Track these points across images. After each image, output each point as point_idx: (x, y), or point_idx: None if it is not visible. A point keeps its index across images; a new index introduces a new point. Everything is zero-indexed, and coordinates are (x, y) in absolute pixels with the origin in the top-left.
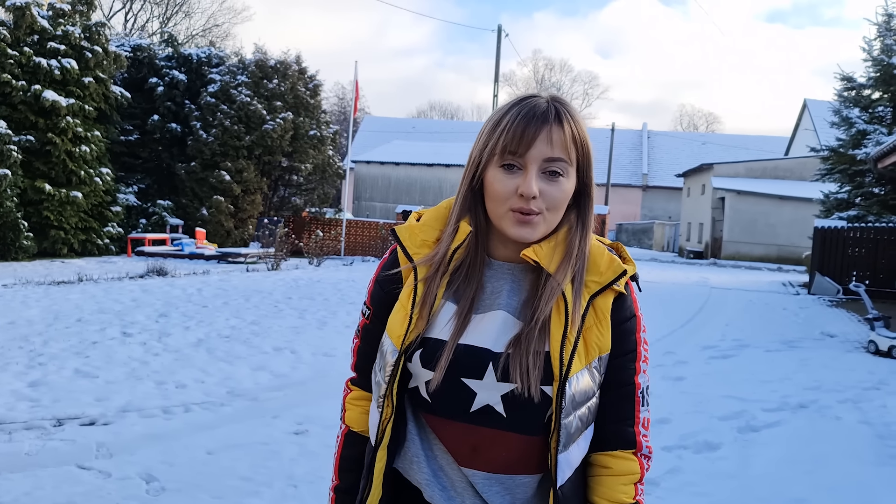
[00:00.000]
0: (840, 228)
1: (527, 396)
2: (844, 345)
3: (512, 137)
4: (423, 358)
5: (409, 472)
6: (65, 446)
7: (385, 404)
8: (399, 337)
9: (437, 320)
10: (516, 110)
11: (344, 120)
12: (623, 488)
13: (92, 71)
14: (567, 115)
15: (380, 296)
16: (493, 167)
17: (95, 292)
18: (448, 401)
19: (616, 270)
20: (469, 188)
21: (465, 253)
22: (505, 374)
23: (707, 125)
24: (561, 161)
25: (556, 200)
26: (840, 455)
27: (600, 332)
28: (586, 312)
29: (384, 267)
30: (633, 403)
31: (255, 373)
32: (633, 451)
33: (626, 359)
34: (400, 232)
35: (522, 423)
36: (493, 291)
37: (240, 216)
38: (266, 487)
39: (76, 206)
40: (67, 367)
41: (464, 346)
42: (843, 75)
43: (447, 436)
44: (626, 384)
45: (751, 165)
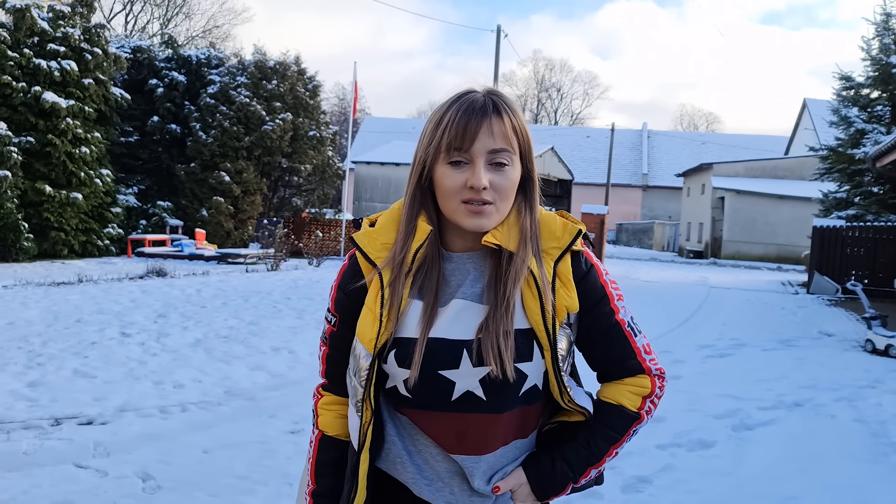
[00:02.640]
0: (839, 228)
1: (503, 377)
2: (842, 344)
3: (455, 134)
4: (398, 358)
5: (393, 471)
6: (62, 445)
7: (364, 408)
8: (371, 341)
9: (407, 319)
10: (456, 107)
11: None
12: (628, 394)
13: (92, 72)
14: (505, 107)
15: (344, 302)
16: (440, 164)
17: (95, 293)
18: (429, 394)
19: (572, 232)
20: (417, 187)
21: (426, 251)
22: (479, 358)
23: (707, 125)
24: (504, 151)
25: (505, 189)
26: (834, 453)
27: (567, 294)
28: (554, 279)
29: (345, 274)
30: (626, 340)
31: (252, 373)
32: (643, 374)
33: (600, 305)
34: (359, 239)
35: (502, 402)
36: (457, 283)
37: (239, 217)
38: (262, 486)
39: (76, 208)
40: (66, 368)
41: (435, 339)
42: (842, 74)
43: (431, 427)
44: (612, 326)
45: (750, 165)
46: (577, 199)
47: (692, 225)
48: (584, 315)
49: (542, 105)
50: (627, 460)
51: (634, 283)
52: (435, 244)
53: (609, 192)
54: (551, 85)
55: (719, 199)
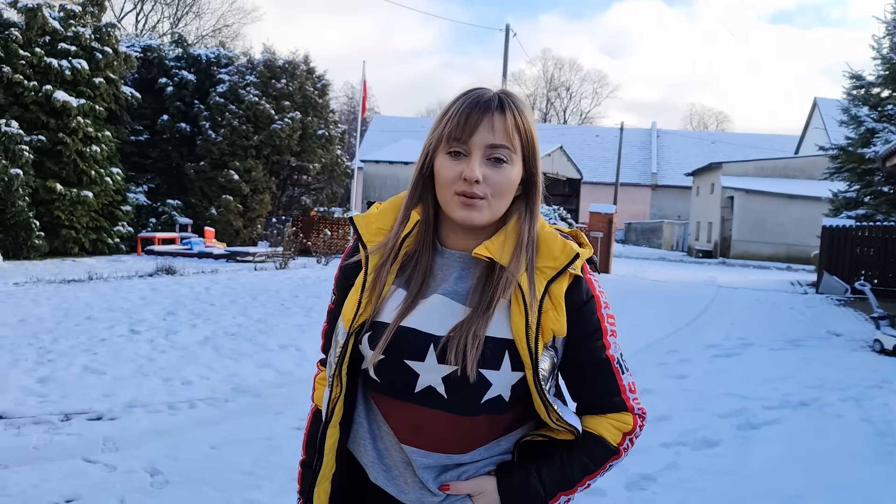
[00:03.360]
0: (848, 227)
1: (464, 378)
2: (850, 343)
3: (456, 124)
4: (370, 340)
5: (357, 452)
6: (72, 440)
7: (335, 383)
8: (349, 320)
9: (387, 305)
10: (462, 100)
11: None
12: (610, 428)
13: (102, 71)
14: (510, 105)
15: (342, 282)
16: (440, 154)
17: (105, 291)
18: (393, 381)
19: (569, 254)
20: (419, 175)
21: (416, 240)
22: (444, 356)
23: (717, 124)
24: (503, 148)
25: (500, 186)
26: (839, 452)
27: (556, 317)
28: (543, 298)
29: (347, 255)
30: (613, 376)
31: (260, 370)
32: (626, 412)
33: (592, 338)
34: (357, 220)
35: (462, 404)
36: (442, 279)
37: (248, 215)
38: (267, 481)
39: (87, 206)
40: (76, 364)
41: (407, 328)
42: (853, 73)
43: (392, 415)
44: (601, 361)
45: (760, 164)
46: (585, 199)
47: (701, 224)
48: (575, 345)
49: (551, 104)
50: (632, 458)
51: (643, 282)
52: (426, 235)
53: (618, 192)
54: (560, 84)
55: (729, 198)
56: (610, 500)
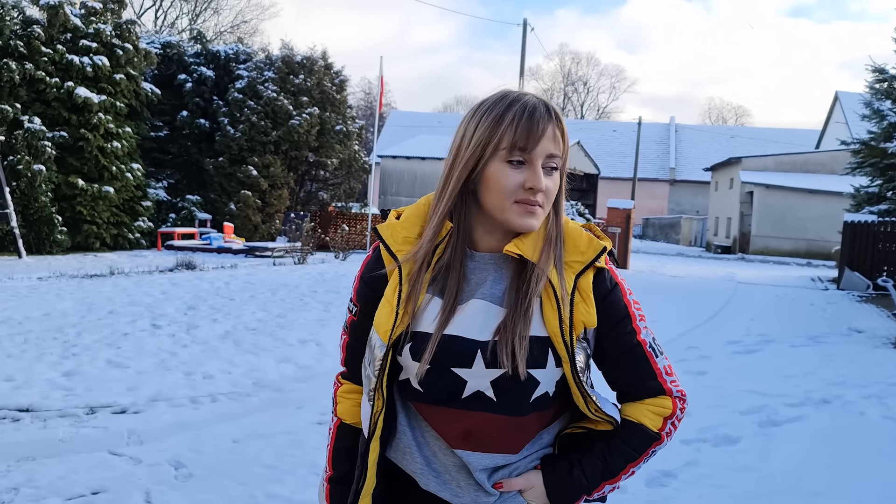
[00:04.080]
0: (870, 223)
1: (514, 380)
2: (872, 340)
3: (521, 134)
4: (412, 351)
5: (402, 462)
6: (97, 433)
7: (376, 397)
8: (386, 332)
9: (425, 314)
10: (519, 108)
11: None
12: (650, 414)
13: (123, 68)
14: (559, 115)
15: (365, 293)
16: (497, 162)
17: (127, 285)
18: (440, 390)
19: (596, 249)
20: (465, 183)
21: (447, 248)
22: (493, 360)
23: (736, 118)
24: (557, 157)
25: (553, 194)
26: (862, 450)
27: (586, 309)
28: (573, 292)
29: (368, 265)
30: (647, 361)
31: (280, 364)
32: (664, 395)
33: (621, 325)
34: (382, 230)
35: (512, 405)
36: (477, 283)
37: (267, 211)
38: (290, 475)
39: (108, 201)
40: (100, 358)
41: (450, 336)
42: (875, 67)
43: (439, 421)
44: (633, 346)
45: (780, 159)
46: (603, 194)
47: (720, 220)
48: (605, 334)
49: (568, 99)
50: None
51: (661, 278)
52: (458, 241)
53: (636, 187)
54: (577, 79)
55: (748, 193)
56: (630, 496)
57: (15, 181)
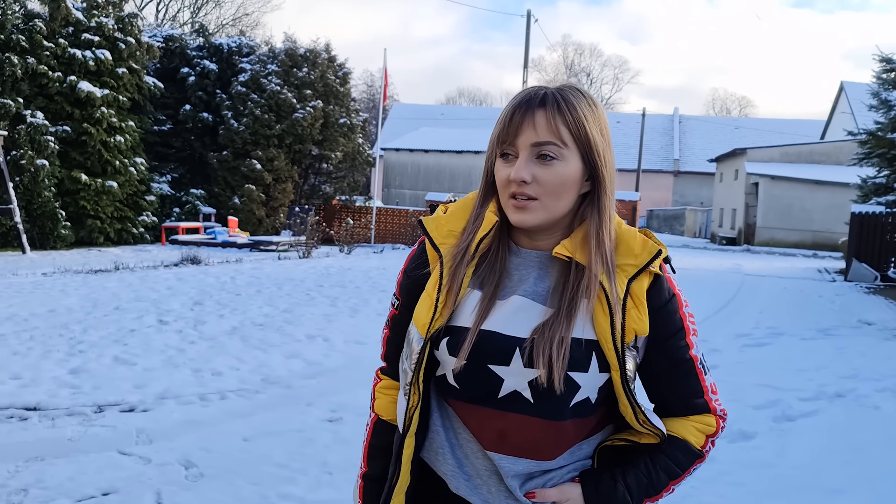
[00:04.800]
0: (878, 214)
1: (550, 383)
2: (882, 332)
3: (503, 127)
4: (449, 346)
5: (434, 462)
6: (106, 432)
7: (412, 392)
8: (424, 325)
9: (464, 308)
10: (512, 100)
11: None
12: (694, 431)
13: (125, 62)
14: (556, 99)
15: (408, 286)
16: (497, 157)
17: (132, 280)
18: (476, 387)
19: (651, 251)
20: (486, 181)
21: (490, 241)
22: (531, 360)
23: (740, 109)
24: (550, 144)
25: (551, 185)
26: (879, 445)
27: (638, 316)
28: (626, 297)
29: (412, 258)
30: (696, 377)
31: (288, 360)
32: (708, 414)
33: (675, 339)
34: (427, 223)
35: (550, 408)
36: (520, 279)
37: (271, 204)
38: (302, 474)
39: (111, 196)
40: (107, 355)
41: (489, 332)
42: (882, 57)
43: (473, 421)
44: (684, 361)
45: (785, 150)
46: None
47: (725, 211)
48: (657, 345)
49: None
50: None
51: None
52: (502, 236)
53: (640, 178)
54: (581, 70)
55: (753, 184)
56: None
57: (18, 176)
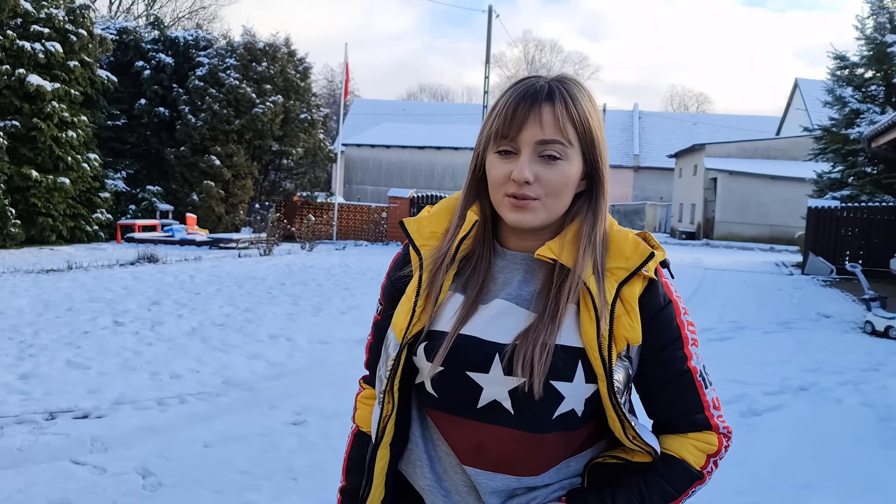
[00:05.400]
0: (834, 208)
1: (530, 392)
2: (840, 325)
3: (503, 121)
4: (426, 351)
5: (412, 475)
6: (58, 441)
7: (385, 400)
8: (401, 330)
9: (444, 312)
10: (510, 92)
11: (333, 103)
12: (693, 450)
13: (77, 54)
14: (563, 94)
15: (391, 291)
16: (490, 153)
17: (85, 280)
18: (454, 396)
19: (643, 254)
20: (473, 177)
21: (473, 243)
22: (510, 367)
23: (698, 105)
24: (556, 143)
25: (555, 185)
26: (844, 438)
27: (630, 323)
28: (614, 302)
29: (397, 262)
30: (695, 391)
31: (250, 361)
32: (710, 431)
33: (672, 348)
34: (408, 224)
35: (531, 420)
36: (504, 282)
37: (231, 201)
38: (266, 481)
39: (64, 193)
40: (59, 359)
41: (467, 337)
42: (836, 54)
43: (451, 433)
44: (682, 374)
45: (743, 146)
46: None
47: (684, 206)
48: (652, 356)
49: None
50: None
51: None
52: (485, 236)
53: None
54: (541, 66)
55: (712, 179)
56: None
57: None
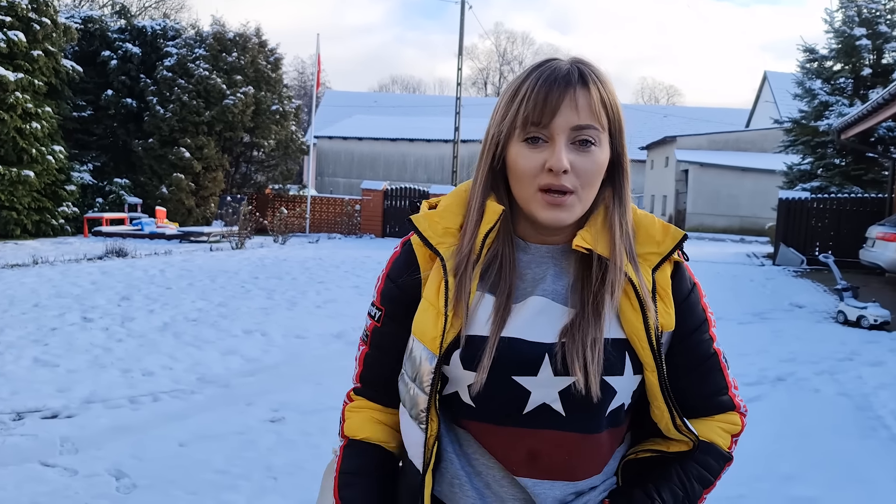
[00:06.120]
0: (804, 200)
1: (587, 391)
2: (814, 315)
3: (534, 106)
4: (464, 359)
5: (449, 496)
6: (26, 442)
7: (430, 418)
8: (435, 339)
9: (476, 315)
10: (536, 76)
11: (304, 94)
12: (721, 432)
13: (41, 44)
14: (593, 76)
15: (394, 293)
16: (515, 142)
17: (52, 275)
18: (498, 404)
19: (675, 237)
20: (490, 169)
21: (497, 237)
22: (563, 367)
23: (668, 98)
24: (591, 128)
25: (590, 174)
26: (824, 429)
27: (665, 309)
28: (654, 289)
29: (397, 262)
30: (721, 372)
31: (225, 357)
32: (733, 411)
33: (699, 331)
34: (418, 222)
35: (584, 421)
36: (534, 278)
37: (201, 194)
38: (244, 480)
39: (28, 186)
40: (25, 356)
41: (511, 339)
42: (806, 47)
43: (497, 444)
44: (709, 356)
45: (713, 138)
46: None
47: (656, 197)
48: (682, 340)
49: (504, 78)
50: None
51: None
52: (508, 230)
53: None
54: (513, 58)
55: (683, 171)
56: None
57: None
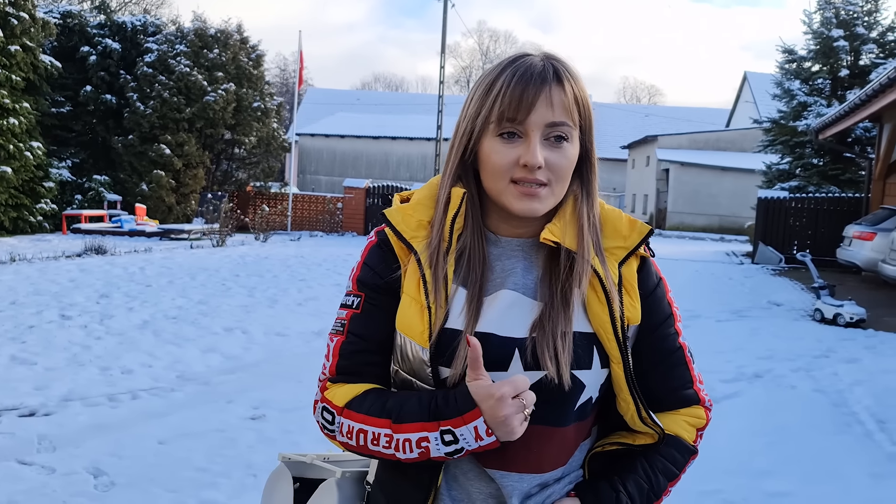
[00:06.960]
0: (783, 199)
1: (557, 384)
2: (791, 313)
3: (510, 103)
4: (435, 352)
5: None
6: (3, 440)
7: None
8: (422, 333)
9: (452, 308)
10: (510, 72)
11: (286, 92)
12: (686, 426)
13: (18, 39)
14: (567, 74)
15: (372, 279)
16: (489, 137)
17: (30, 273)
18: None
19: (641, 232)
20: (460, 162)
21: (464, 228)
22: (533, 361)
23: (649, 97)
24: (565, 125)
25: (562, 169)
26: (799, 425)
27: (631, 302)
28: (620, 283)
29: (373, 250)
30: (685, 366)
31: (205, 355)
32: (698, 405)
33: (665, 325)
34: (391, 215)
35: (554, 414)
36: (503, 270)
37: (182, 191)
38: (224, 478)
39: (6, 182)
40: (3, 354)
41: (483, 334)
42: (785, 48)
43: None
44: (675, 350)
45: (694, 137)
46: None
47: (637, 197)
48: (647, 334)
49: None
50: None
51: None
52: (475, 224)
53: None
54: (496, 56)
55: (664, 170)
56: None
57: None
